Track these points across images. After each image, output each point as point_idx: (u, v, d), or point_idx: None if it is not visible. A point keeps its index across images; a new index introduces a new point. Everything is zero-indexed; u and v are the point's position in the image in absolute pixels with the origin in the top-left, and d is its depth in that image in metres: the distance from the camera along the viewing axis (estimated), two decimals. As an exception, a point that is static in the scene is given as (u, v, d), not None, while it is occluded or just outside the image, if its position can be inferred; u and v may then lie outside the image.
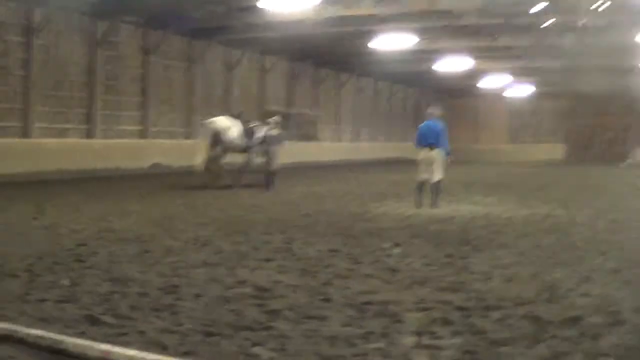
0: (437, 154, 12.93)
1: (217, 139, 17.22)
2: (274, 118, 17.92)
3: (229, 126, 17.53)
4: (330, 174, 23.07)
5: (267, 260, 7.19)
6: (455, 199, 15.06)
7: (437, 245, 8.35)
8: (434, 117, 13.10)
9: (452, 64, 29.73)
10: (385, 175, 24.88)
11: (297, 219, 11.05)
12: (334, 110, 36.80)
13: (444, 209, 12.72)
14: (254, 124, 18.22)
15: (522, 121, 48.57)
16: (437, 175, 13.02)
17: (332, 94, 36.46)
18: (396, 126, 43.41)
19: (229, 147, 17.65)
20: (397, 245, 8.36)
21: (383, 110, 42.16)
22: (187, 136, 25.79)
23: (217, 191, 16.39)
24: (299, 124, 31.56)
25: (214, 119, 18.03)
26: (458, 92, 46.03)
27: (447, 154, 12.97)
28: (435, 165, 12.98)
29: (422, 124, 13.23)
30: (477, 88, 41.24)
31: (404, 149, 32.98)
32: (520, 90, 41.90)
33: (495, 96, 45.29)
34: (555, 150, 45.86)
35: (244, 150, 17.79)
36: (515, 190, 18.04)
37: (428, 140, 12.90)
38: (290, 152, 21.98)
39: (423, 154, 13.00)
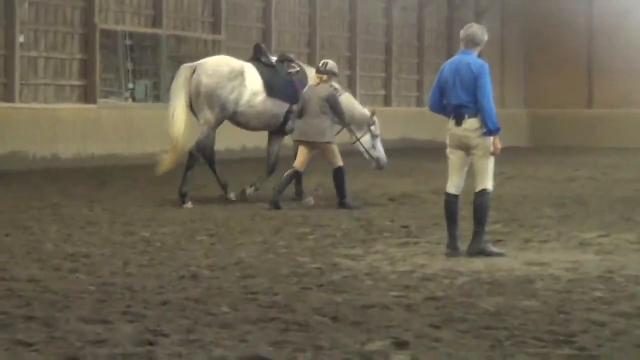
0: (475, 134, 10.73)
1: (209, 100, 15.43)
2: (325, 61, 15.93)
3: (240, 72, 15.57)
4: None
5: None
6: (537, 235, 13.00)
7: (494, 347, 6.73)
8: (471, 47, 10.97)
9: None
10: (384, 179, 22.03)
11: (169, 284, 8.99)
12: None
13: (510, 259, 10.77)
14: (294, 69, 16.19)
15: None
16: (483, 181, 10.89)
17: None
18: (409, 71, 41.24)
19: (239, 118, 15.89)
20: (400, 345, 6.86)
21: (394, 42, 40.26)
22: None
23: None
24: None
25: (204, 60, 16.38)
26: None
27: (494, 130, 10.74)
28: (477, 159, 10.83)
29: (446, 63, 11.30)
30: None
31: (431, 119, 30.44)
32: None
33: (625, 12, 42.64)
34: None
35: (276, 125, 16.11)
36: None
37: (453, 100, 10.77)
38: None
39: (449, 131, 11.04)
